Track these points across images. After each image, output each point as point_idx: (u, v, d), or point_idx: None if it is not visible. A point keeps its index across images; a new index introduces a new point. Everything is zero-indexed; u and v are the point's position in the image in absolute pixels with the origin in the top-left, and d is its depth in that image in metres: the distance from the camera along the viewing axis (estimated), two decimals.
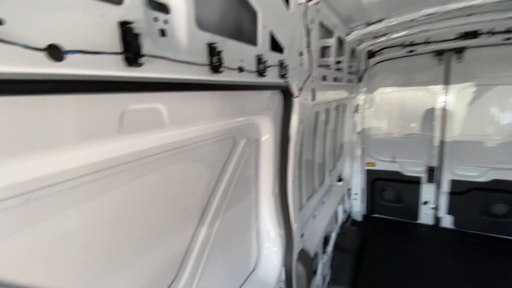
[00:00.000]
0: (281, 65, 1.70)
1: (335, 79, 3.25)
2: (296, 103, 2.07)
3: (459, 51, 4.36)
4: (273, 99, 1.94)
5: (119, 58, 0.75)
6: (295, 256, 2.45)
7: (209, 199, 1.63)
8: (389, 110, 5.16)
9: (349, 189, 5.33)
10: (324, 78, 2.81)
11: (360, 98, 5.15)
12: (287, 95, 2.00)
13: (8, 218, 0.75)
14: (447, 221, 5.02)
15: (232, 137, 1.73)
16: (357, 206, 5.55)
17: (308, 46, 2.18)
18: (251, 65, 1.40)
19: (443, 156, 4.83)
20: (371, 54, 4.92)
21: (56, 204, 0.85)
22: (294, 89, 1.98)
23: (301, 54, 2.07)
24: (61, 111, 0.74)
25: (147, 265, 1.27)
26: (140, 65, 0.79)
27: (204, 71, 1.07)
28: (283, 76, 1.72)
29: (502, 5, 3.18)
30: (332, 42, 2.99)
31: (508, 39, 3.96)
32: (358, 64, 4.92)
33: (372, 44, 4.58)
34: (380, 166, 5.37)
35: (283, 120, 2.13)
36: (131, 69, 0.79)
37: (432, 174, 4.93)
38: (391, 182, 5.34)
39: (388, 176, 5.33)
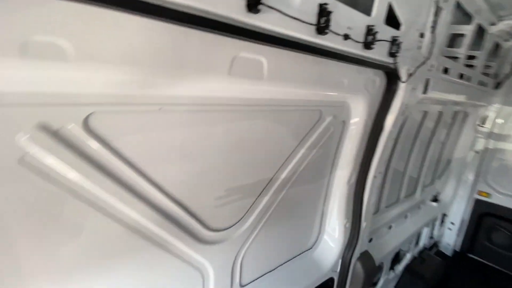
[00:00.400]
0: (393, 42, 1.54)
1: (461, 76, 2.67)
2: (402, 89, 1.85)
3: None
4: (375, 80, 1.79)
5: (242, 2, 0.87)
6: (356, 253, 2.30)
7: (282, 165, 1.70)
8: None
9: (444, 215, 4.43)
10: (446, 70, 2.36)
11: (492, 109, 4.06)
12: (392, 78, 1.80)
13: (146, 119, 1.03)
14: None
15: (319, 111, 1.72)
16: (450, 238, 4.58)
17: (433, 27, 1.87)
18: (359, 35, 1.33)
19: None
20: None
21: (170, 118, 1.10)
22: (403, 72, 1.76)
23: (422, 35, 1.80)
24: (191, 44, 0.93)
25: (225, 199, 1.48)
26: (258, 11, 0.89)
27: (309, 30, 1.10)
28: (392, 54, 1.55)
29: None
30: (468, 29, 2.45)
31: None
32: (500, 66, 3.85)
33: None
34: (497, 199, 4.20)
35: (380, 106, 1.95)
36: (250, 15, 0.90)
37: None
38: (507, 222, 4.13)
39: (506, 214, 4.13)
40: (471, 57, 2.95)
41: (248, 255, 1.74)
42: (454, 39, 2.59)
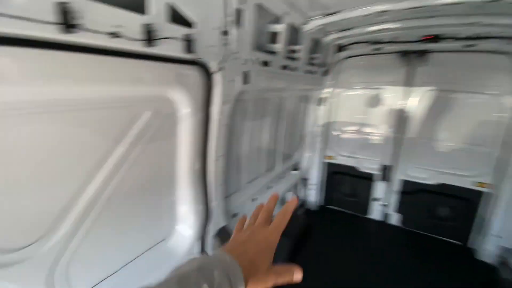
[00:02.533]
0: (188, 40, 1.71)
1: (285, 67, 3.26)
2: (218, 82, 2.10)
3: (422, 54, 4.40)
4: (188, 74, 1.96)
5: None
6: (211, 231, 2.56)
7: (99, 165, 1.66)
8: (353, 106, 5.23)
9: (305, 179, 5.46)
10: (265, 63, 2.82)
11: (325, 92, 5.19)
12: (204, 72, 2.02)
13: None
14: (395, 219, 5.23)
15: (133, 107, 1.76)
16: (314, 196, 5.72)
17: (238, 25, 2.18)
18: (134, 33, 1.41)
19: (398, 156, 4.97)
20: (340, 48, 4.92)
21: None
22: (213, 66, 2.00)
23: (225, 33, 2.07)
24: None
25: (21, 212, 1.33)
26: None
27: (52, 29, 1.09)
28: (190, 51, 1.73)
29: (461, 8, 3.19)
30: (281, 28, 2.98)
31: (468, 46, 4.01)
32: (325, 57, 4.92)
33: (340, 38, 4.58)
34: (340, 160, 5.50)
35: (205, 98, 2.16)
36: None
37: (385, 172, 5.09)
38: (347, 176, 5.51)
39: (346, 170, 5.48)
40: (293, 52, 3.63)
41: (73, 266, 1.65)
42: (273, 36, 3.10)
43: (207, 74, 2.04)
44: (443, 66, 4.38)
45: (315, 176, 5.63)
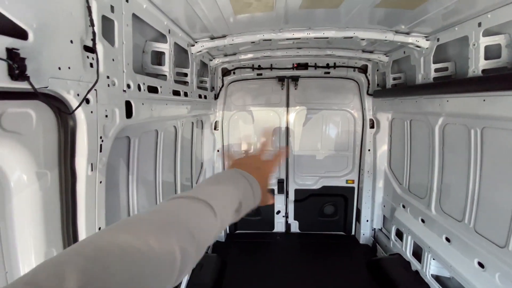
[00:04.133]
0: (16, 59, 0.98)
1: (176, 93, 2.79)
2: (82, 122, 1.38)
3: (295, 79, 5.07)
4: (22, 115, 1.17)
5: None
6: None
7: None
8: (246, 127, 5.34)
9: None
10: (153, 89, 2.27)
11: (218, 115, 5.04)
12: (56, 109, 1.28)
13: None
14: (295, 226, 5.64)
15: None
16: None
17: (107, 40, 1.57)
18: None
19: (289, 169, 5.43)
20: (226, 72, 4.94)
21: None
22: (71, 100, 1.29)
23: (88, 49, 1.41)
24: None
25: None
26: None
27: None
28: (20, 75, 0.99)
29: (320, 43, 3.82)
30: (166, 47, 2.53)
31: (327, 72, 4.96)
32: (214, 81, 4.79)
33: (225, 62, 4.57)
34: None
35: (62, 146, 1.37)
36: None
37: (282, 185, 5.44)
38: None
39: None
40: (185, 75, 3.23)
41: None
42: (159, 57, 2.60)
43: (61, 111, 1.31)
44: (310, 89, 5.20)
45: None
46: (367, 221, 5.14)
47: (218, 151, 5.11)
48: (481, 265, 2.59)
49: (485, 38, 2.28)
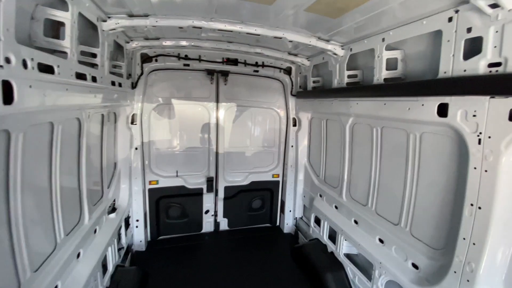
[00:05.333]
0: None
1: (81, 76, 2.23)
2: None
3: (225, 74, 4.94)
4: None
5: None
6: None
7: None
8: (170, 122, 4.88)
9: (127, 218, 4.34)
10: (48, 69, 1.72)
11: (136, 108, 4.41)
12: None
13: None
14: (224, 224, 5.56)
15: None
16: (140, 235, 4.71)
17: None
18: None
19: (218, 166, 5.29)
20: (147, 59, 4.36)
21: None
22: None
23: None
24: None
25: None
26: None
27: None
28: None
29: (250, 39, 3.79)
30: (66, 17, 1.96)
31: (255, 71, 5.03)
32: (131, 67, 4.14)
33: (146, 47, 4.02)
34: (164, 183, 4.94)
35: None
36: None
37: (211, 183, 5.25)
38: (176, 197, 5.08)
39: (173, 192, 5.03)
40: (93, 55, 2.63)
41: None
42: (55, 26, 2.00)
43: None
44: (240, 86, 5.18)
45: (139, 210, 4.64)
46: (290, 211, 5.55)
47: (136, 149, 4.48)
48: (381, 241, 3.14)
49: (387, 52, 2.74)
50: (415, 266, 2.65)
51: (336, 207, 4.12)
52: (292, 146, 5.37)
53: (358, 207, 3.62)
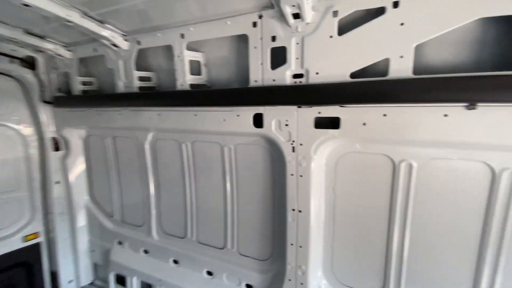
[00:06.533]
0: None
1: None
2: None
3: None
4: None
5: None
6: None
7: None
8: None
9: None
10: None
11: None
12: None
13: None
14: None
15: None
16: None
17: None
18: None
19: None
20: None
21: None
22: None
23: None
24: None
25: None
26: None
27: None
28: None
29: None
30: None
31: None
32: None
33: None
34: None
35: None
36: None
37: None
38: None
39: None
40: None
41: None
42: None
43: None
44: None
45: None
46: (72, 281, 3.61)
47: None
48: (209, 273, 2.68)
49: (189, 53, 2.26)
50: (249, 287, 2.46)
51: (146, 252, 3.12)
52: (57, 183, 3.47)
53: (176, 242, 2.92)
